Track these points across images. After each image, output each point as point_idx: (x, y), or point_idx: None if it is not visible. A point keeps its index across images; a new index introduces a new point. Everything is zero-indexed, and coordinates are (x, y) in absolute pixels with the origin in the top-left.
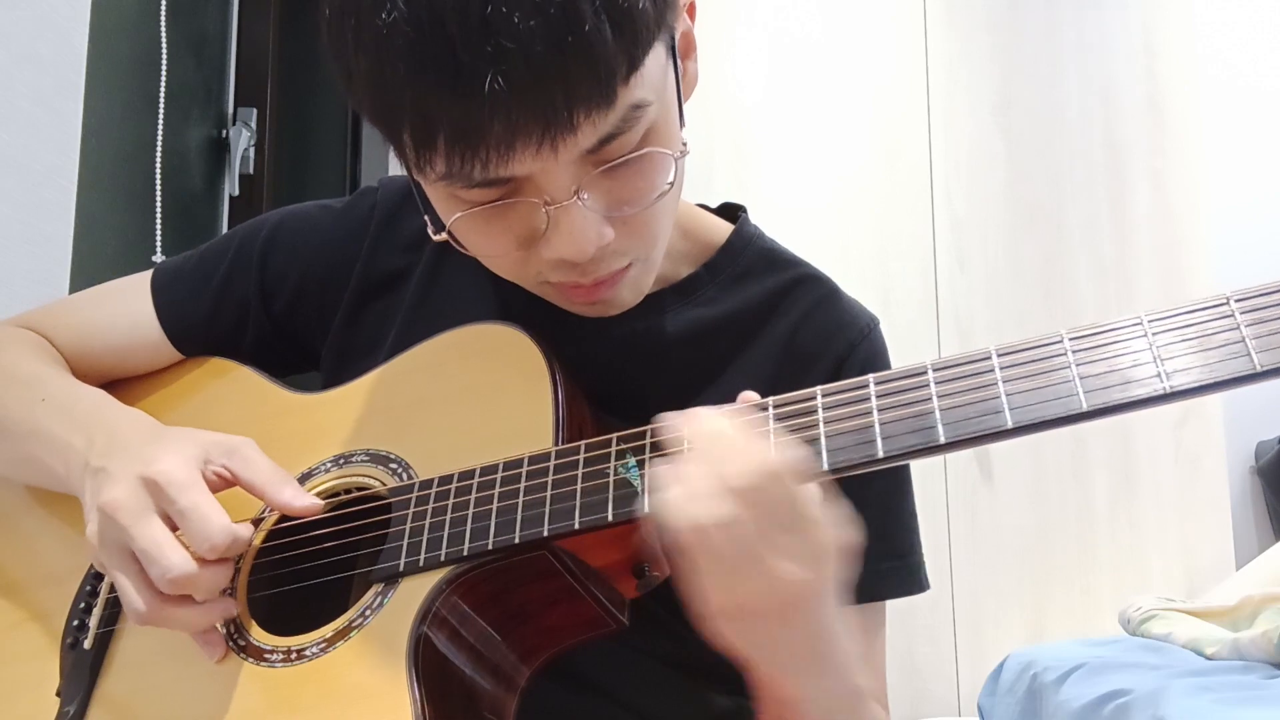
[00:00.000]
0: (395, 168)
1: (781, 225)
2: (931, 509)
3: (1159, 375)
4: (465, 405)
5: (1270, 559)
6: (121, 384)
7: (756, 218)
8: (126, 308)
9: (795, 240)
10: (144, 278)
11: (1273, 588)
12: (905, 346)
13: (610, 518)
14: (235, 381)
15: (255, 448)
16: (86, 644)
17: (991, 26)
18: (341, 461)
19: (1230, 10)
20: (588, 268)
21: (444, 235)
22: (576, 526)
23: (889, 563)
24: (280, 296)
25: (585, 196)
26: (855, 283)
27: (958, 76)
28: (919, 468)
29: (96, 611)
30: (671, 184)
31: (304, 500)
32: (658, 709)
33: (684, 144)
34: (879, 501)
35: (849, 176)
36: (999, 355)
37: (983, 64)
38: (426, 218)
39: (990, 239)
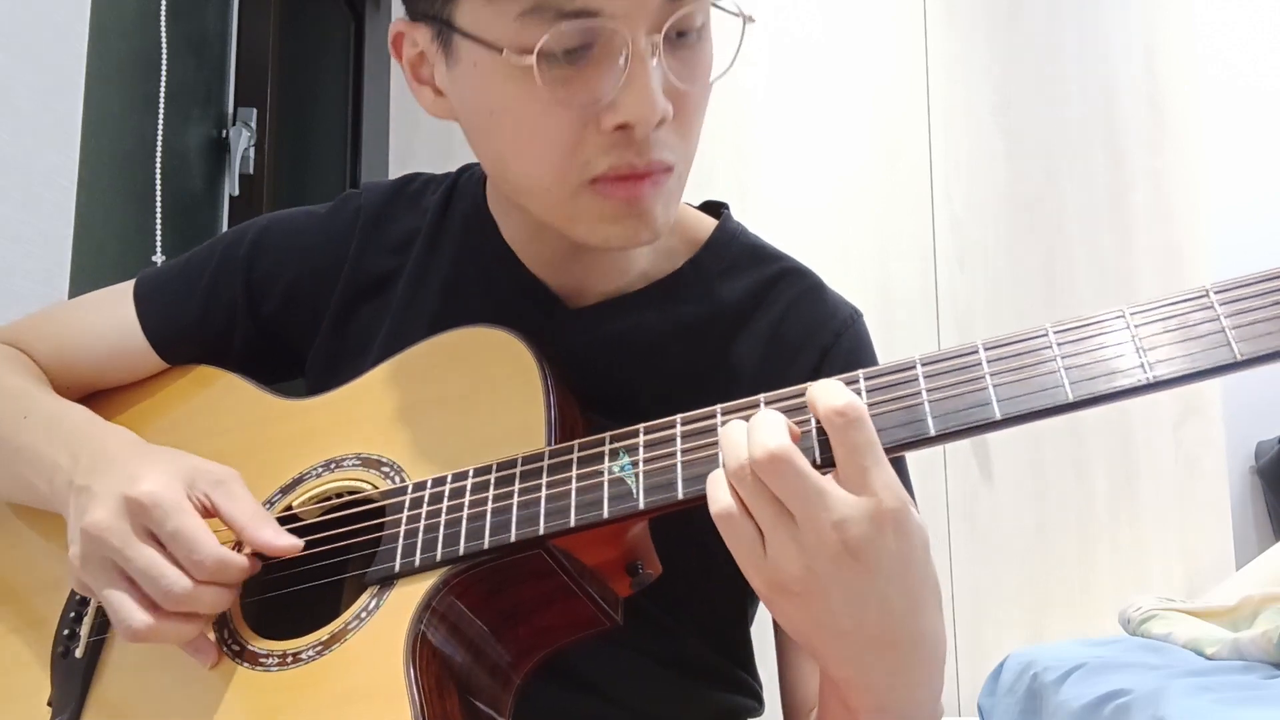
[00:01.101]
0: (395, 169)
1: (781, 225)
2: (931, 509)
3: (1142, 366)
4: (457, 408)
5: (1270, 559)
6: (106, 394)
7: (757, 218)
8: (110, 317)
9: (795, 240)
10: (126, 287)
11: (1273, 588)
12: (905, 346)
13: (606, 515)
14: (222, 388)
15: (240, 482)
16: (78, 652)
17: (991, 26)
18: (332, 466)
19: (1230, 10)
20: (643, 147)
21: (528, 60)
22: (572, 525)
23: None
24: (267, 301)
25: (658, 58)
26: (855, 283)
27: (958, 76)
28: (918, 468)
29: (87, 620)
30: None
31: (284, 540)
32: (653, 707)
33: (750, 16)
34: None
35: (849, 176)
36: (986, 349)
37: (983, 64)
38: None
39: (990, 239)
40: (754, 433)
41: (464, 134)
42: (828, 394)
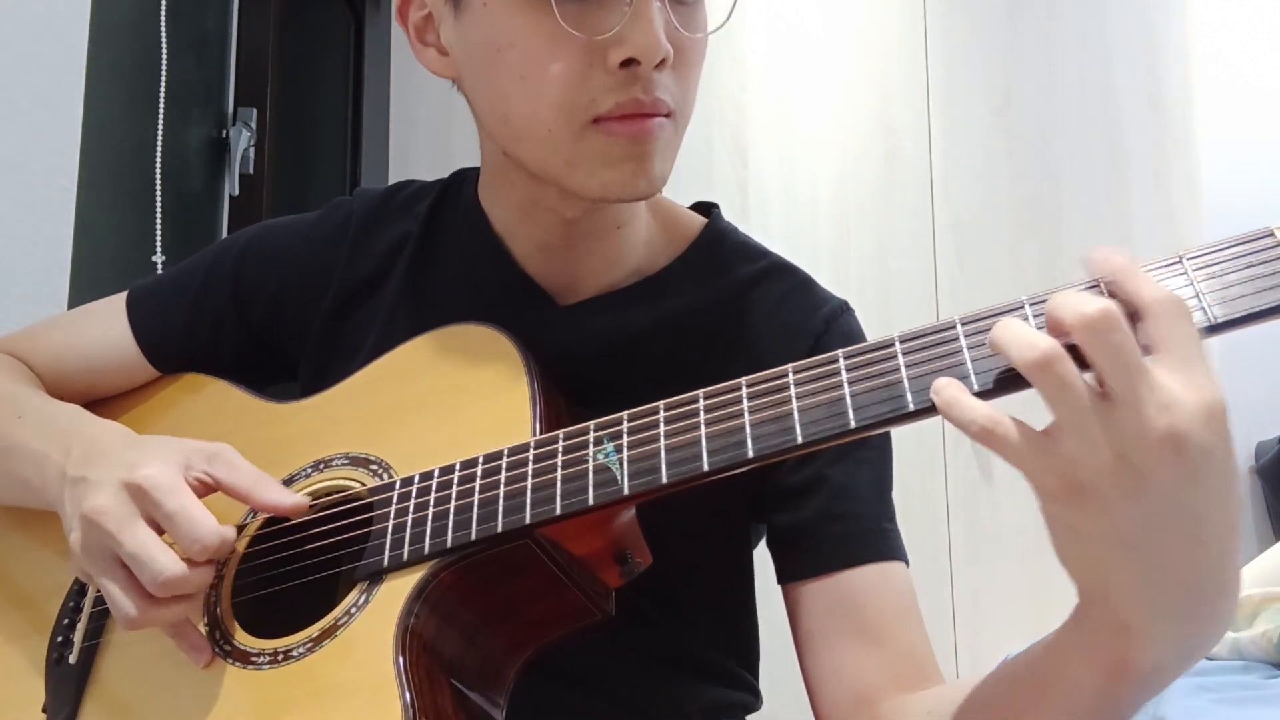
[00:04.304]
0: (395, 169)
1: (782, 224)
2: (931, 509)
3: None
4: (444, 405)
5: (1270, 559)
6: (99, 403)
7: (757, 217)
8: (103, 328)
9: (795, 240)
10: (120, 298)
11: (1273, 587)
12: None
13: (591, 501)
14: (212, 395)
15: (235, 452)
16: (71, 659)
17: (991, 26)
18: (321, 466)
19: (1230, 10)
20: (648, 84)
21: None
22: (559, 512)
23: (890, 524)
24: (256, 308)
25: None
26: (855, 283)
27: (958, 76)
28: (919, 469)
29: (81, 625)
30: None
31: (290, 499)
32: (645, 702)
33: None
34: (873, 471)
35: (849, 175)
36: (963, 324)
37: (983, 64)
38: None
39: (990, 239)
40: (1068, 299)
41: (466, 93)
42: (1156, 287)
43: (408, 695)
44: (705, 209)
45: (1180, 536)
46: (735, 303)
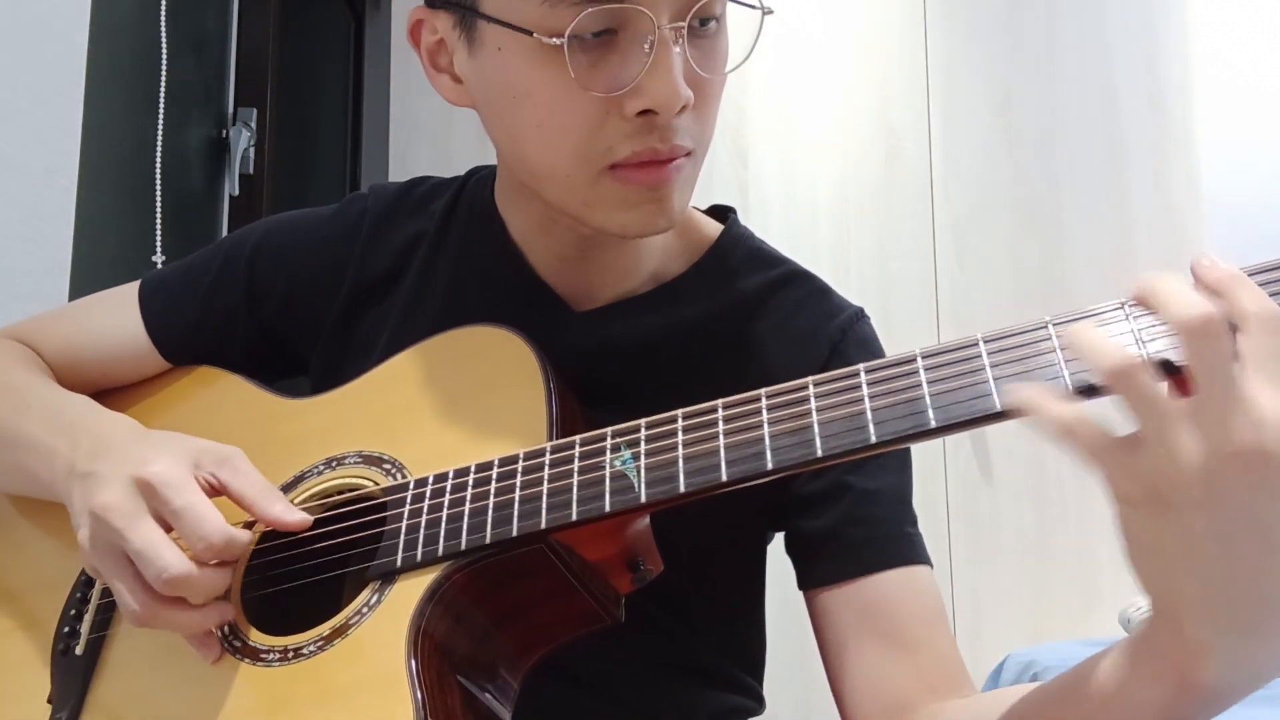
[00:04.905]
0: (395, 169)
1: (782, 225)
2: (931, 509)
3: (1142, 357)
4: (459, 406)
5: None
6: (110, 394)
7: (757, 218)
8: (115, 318)
9: (795, 240)
10: (132, 288)
11: None
12: (905, 346)
13: (608, 508)
14: (224, 389)
15: (245, 459)
16: (78, 650)
17: (991, 26)
18: (334, 464)
19: (1230, 10)
20: (666, 133)
21: (559, 40)
22: (574, 518)
23: (912, 529)
24: (269, 303)
25: (681, 45)
26: (855, 283)
27: (958, 76)
28: (919, 470)
29: (88, 617)
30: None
31: (293, 515)
32: (651, 706)
33: (769, 8)
34: (895, 477)
35: (849, 176)
36: (986, 342)
37: (983, 64)
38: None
39: (990, 239)
40: (1170, 293)
41: (482, 121)
42: (1262, 299)
43: (419, 695)
44: (722, 213)
45: (1255, 549)
46: (751, 310)
